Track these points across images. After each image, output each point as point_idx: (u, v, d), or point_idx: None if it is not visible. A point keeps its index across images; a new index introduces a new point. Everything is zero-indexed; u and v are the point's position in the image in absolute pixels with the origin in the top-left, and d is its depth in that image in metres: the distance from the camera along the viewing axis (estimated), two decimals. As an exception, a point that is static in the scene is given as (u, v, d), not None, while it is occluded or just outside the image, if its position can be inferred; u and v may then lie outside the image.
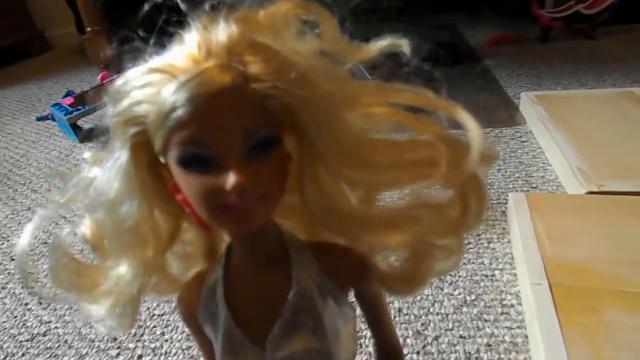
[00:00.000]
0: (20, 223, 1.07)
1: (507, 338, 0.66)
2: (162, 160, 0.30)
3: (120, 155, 0.31)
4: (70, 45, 2.53)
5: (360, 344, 0.67)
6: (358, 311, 0.39)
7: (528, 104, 1.25)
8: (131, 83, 0.29)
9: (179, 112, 0.26)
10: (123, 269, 0.34)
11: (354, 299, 0.38)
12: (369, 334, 0.69)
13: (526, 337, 0.66)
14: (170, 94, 0.27)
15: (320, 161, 0.30)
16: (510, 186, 1.00)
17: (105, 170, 0.32)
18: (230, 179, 0.27)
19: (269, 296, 0.34)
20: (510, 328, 0.68)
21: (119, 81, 0.29)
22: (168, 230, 0.35)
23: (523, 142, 1.17)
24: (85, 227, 0.36)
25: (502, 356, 0.64)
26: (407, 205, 0.34)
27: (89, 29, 1.91)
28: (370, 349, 0.66)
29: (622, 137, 1.04)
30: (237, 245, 0.35)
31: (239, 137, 0.27)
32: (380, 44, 0.34)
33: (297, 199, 0.33)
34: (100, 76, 1.70)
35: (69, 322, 0.78)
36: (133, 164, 0.30)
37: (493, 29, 1.97)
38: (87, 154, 0.34)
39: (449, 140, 0.32)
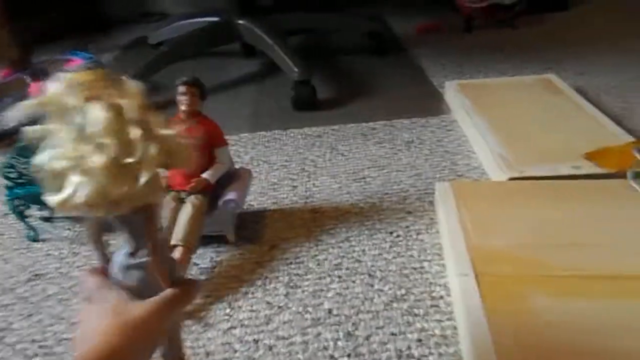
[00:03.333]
0: None
1: (437, 331, 0.65)
2: None
3: None
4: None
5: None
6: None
7: (452, 92, 1.26)
8: None
9: None
10: None
11: None
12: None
13: (455, 328, 0.65)
14: None
15: None
16: (438, 175, 1.00)
17: None
18: None
19: None
20: (440, 321, 0.67)
21: None
22: None
23: (448, 130, 1.18)
24: None
25: (433, 350, 0.63)
26: None
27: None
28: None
29: (541, 123, 1.07)
30: None
31: None
32: None
33: None
34: (2, 74, 1.55)
35: None
36: None
37: (422, 19, 2.00)
38: None
39: None
